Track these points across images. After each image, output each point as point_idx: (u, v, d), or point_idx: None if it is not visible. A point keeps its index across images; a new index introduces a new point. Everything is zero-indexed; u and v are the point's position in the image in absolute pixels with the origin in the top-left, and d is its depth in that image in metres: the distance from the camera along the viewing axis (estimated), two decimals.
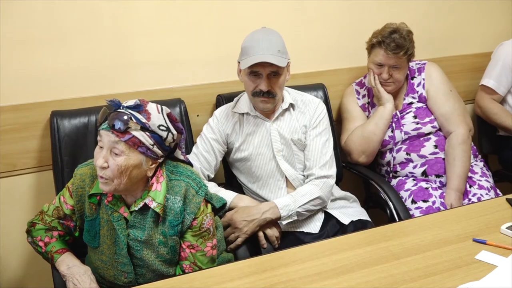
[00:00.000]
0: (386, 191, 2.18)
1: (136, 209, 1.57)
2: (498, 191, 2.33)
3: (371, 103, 2.43)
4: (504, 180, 2.65)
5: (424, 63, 2.42)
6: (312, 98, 2.12)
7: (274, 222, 1.95)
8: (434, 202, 2.18)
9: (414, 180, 2.31)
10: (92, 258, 1.66)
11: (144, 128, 1.48)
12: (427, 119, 2.34)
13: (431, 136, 2.35)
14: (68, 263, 1.63)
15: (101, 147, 1.50)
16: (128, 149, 1.47)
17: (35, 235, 1.68)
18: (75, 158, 1.98)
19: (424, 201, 2.19)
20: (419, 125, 2.34)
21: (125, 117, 1.46)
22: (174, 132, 1.56)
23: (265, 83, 1.91)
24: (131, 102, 1.51)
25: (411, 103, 2.38)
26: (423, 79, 2.38)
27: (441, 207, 2.17)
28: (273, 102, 1.98)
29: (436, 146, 2.33)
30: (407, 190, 2.27)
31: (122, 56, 2.18)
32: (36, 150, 2.09)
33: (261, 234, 1.92)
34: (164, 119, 1.53)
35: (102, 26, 2.12)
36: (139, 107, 1.49)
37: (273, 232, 1.94)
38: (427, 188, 2.24)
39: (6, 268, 2.15)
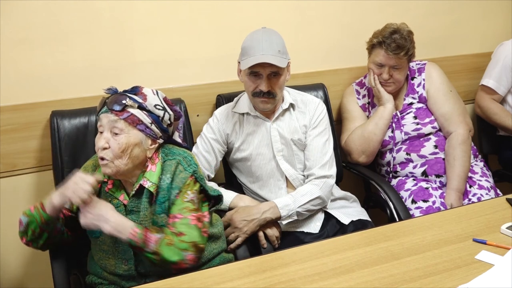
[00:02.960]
0: (386, 191, 2.18)
1: (133, 192, 1.60)
2: (498, 191, 2.33)
3: (371, 103, 2.43)
4: (504, 180, 2.65)
5: (424, 64, 2.42)
6: (312, 98, 2.12)
7: (274, 222, 1.95)
8: (434, 202, 2.18)
9: (414, 180, 2.31)
10: (93, 251, 1.67)
11: (141, 107, 1.56)
12: (427, 120, 2.34)
13: (431, 136, 2.35)
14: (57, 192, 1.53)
15: (101, 132, 1.56)
16: (128, 126, 1.54)
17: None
18: (75, 158, 1.98)
19: (424, 201, 2.19)
20: (419, 126, 2.34)
21: (121, 96, 1.55)
22: (171, 112, 1.64)
23: (265, 83, 1.91)
24: (127, 89, 1.61)
25: (411, 103, 2.38)
26: (423, 80, 2.38)
27: (441, 207, 2.17)
28: (273, 102, 1.98)
29: (436, 146, 2.32)
30: (407, 190, 2.27)
31: (122, 56, 2.18)
32: (36, 150, 2.09)
33: (261, 234, 1.92)
34: (160, 100, 1.61)
35: (102, 26, 2.12)
36: (135, 90, 1.60)
37: (273, 232, 1.94)
38: (427, 188, 2.24)
39: (6, 268, 2.15)
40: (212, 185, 2.00)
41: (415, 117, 2.35)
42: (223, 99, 2.26)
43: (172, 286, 1.35)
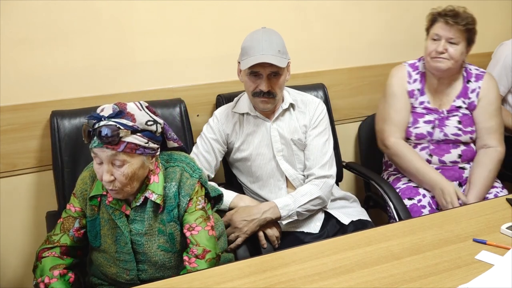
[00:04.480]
0: (386, 191, 2.18)
1: (138, 204, 1.58)
2: None
3: (422, 90, 2.32)
4: (504, 180, 2.64)
5: (484, 72, 2.35)
6: (312, 98, 2.13)
7: (274, 222, 1.95)
8: (419, 200, 2.17)
9: (409, 180, 2.30)
10: (94, 256, 1.67)
11: (134, 131, 1.47)
12: (469, 129, 2.28)
13: (460, 145, 2.30)
14: None
15: (99, 163, 1.50)
16: (128, 156, 1.48)
17: (38, 275, 1.57)
18: (75, 158, 1.98)
19: (410, 199, 2.18)
20: (460, 132, 2.27)
21: (113, 128, 1.43)
22: (160, 120, 1.57)
23: (265, 83, 1.91)
24: (109, 110, 1.47)
25: (460, 107, 2.31)
26: (479, 87, 2.30)
27: (427, 206, 2.15)
28: (273, 102, 1.98)
29: (460, 156, 2.28)
30: (396, 188, 2.25)
31: (122, 56, 2.18)
32: (36, 150, 2.09)
33: (261, 234, 1.93)
34: (148, 113, 1.53)
35: (102, 26, 2.12)
36: (121, 113, 1.47)
37: (273, 232, 1.94)
38: (416, 187, 2.23)
39: (6, 268, 2.15)
40: (213, 184, 2.00)
41: (460, 122, 2.28)
42: (223, 99, 2.26)
43: (172, 286, 1.35)
